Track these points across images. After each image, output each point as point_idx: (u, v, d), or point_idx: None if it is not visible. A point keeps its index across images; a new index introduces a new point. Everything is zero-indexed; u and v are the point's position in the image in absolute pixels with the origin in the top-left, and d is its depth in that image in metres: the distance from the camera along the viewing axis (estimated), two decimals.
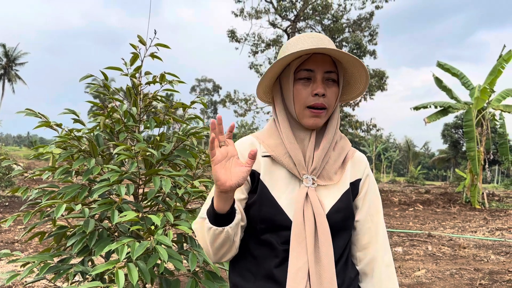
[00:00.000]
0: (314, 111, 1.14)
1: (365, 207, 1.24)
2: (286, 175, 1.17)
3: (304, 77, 1.15)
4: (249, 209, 1.16)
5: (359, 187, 1.24)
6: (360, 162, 1.28)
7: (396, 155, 63.35)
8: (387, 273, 1.21)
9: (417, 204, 15.14)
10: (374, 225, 1.24)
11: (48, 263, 2.22)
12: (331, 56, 1.16)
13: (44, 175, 2.34)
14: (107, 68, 2.46)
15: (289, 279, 1.08)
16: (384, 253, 1.22)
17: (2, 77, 55.77)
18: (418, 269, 5.58)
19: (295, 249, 1.10)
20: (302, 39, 1.18)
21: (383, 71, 22.23)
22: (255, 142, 1.22)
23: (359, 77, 1.21)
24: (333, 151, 1.21)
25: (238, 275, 1.19)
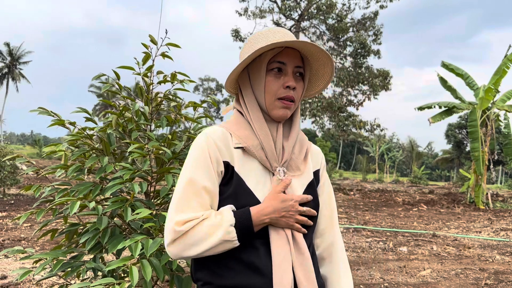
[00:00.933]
0: (285, 102, 1.17)
1: (323, 196, 1.32)
2: (258, 167, 1.19)
3: (275, 68, 1.18)
4: (224, 202, 1.15)
5: (319, 176, 1.33)
6: (317, 153, 1.36)
7: (399, 155, 63.22)
8: (342, 257, 1.31)
9: (421, 204, 15.12)
10: (329, 212, 1.32)
11: (60, 259, 2.24)
12: (300, 52, 1.20)
13: (57, 172, 2.36)
14: (120, 67, 2.49)
15: (275, 270, 1.09)
16: (339, 238, 1.33)
17: (6, 75, 55.94)
18: (423, 269, 5.59)
19: (275, 240, 1.13)
20: (272, 32, 1.22)
21: (387, 71, 22.21)
22: (226, 132, 1.20)
23: (322, 75, 1.27)
24: (297, 143, 1.26)
25: (210, 271, 1.15)
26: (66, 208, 2.28)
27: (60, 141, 15.52)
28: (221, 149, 1.16)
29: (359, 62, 22.23)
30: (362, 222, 9.96)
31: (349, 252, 6.53)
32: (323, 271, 1.30)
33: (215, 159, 1.15)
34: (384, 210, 12.95)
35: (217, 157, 1.15)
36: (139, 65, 2.46)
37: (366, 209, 12.79)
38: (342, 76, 21.81)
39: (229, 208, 1.12)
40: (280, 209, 1.12)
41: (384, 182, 38.08)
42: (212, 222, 1.08)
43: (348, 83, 22.31)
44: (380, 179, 41.30)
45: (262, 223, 1.11)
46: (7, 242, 6.52)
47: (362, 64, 22.31)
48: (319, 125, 22.49)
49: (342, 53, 23.08)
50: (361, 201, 15.60)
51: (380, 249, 6.85)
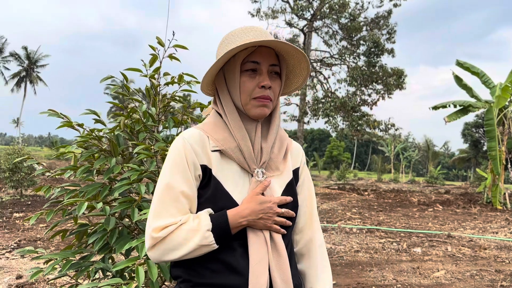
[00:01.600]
0: (261, 100, 1.16)
1: (302, 193, 1.32)
2: (237, 169, 1.19)
3: (250, 68, 1.17)
4: (202, 205, 1.16)
5: (299, 175, 1.33)
6: (297, 151, 1.36)
7: (415, 155, 62.46)
8: (321, 253, 1.32)
9: (436, 204, 14.92)
10: (309, 209, 1.33)
11: (70, 260, 2.27)
12: (274, 50, 1.19)
13: (66, 174, 2.39)
14: (127, 69, 2.51)
15: (251, 270, 1.10)
16: (318, 235, 1.33)
17: (24, 79, 56.96)
18: (437, 270, 5.51)
19: (253, 241, 1.13)
20: (246, 31, 1.20)
21: (402, 70, 21.97)
22: (203, 135, 1.20)
23: (299, 72, 1.25)
24: (276, 142, 1.26)
25: (188, 269, 1.17)
26: (74, 209, 2.31)
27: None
28: (198, 153, 1.16)
29: (373, 61, 22.04)
30: (376, 222, 9.88)
31: (361, 253, 6.48)
32: (301, 267, 1.32)
33: (192, 163, 1.15)
34: (399, 210, 12.82)
35: (194, 161, 1.16)
36: (146, 67, 2.48)
37: (380, 210, 12.67)
38: (356, 75, 21.65)
39: (206, 212, 1.13)
40: (258, 211, 1.13)
41: (399, 182, 37.66)
42: (189, 227, 1.09)
43: (362, 82, 22.14)
44: (395, 179, 40.79)
45: (239, 225, 1.12)
46: (23, 242, 6.63)
47: (376, 63, 22.11)
48: (332, 125, 22.35)
49: (355, 52, 22.91)
50: (376, 201, 15.46)
51: (394, 250, 6.78)
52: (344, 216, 10.78)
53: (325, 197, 16.35)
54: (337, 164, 60.89)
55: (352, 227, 8.93)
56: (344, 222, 9.80)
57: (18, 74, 56.56)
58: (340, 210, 12.07)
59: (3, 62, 55.10)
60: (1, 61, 54.86)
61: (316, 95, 22.59)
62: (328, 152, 65.31)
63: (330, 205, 13.49)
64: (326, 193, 18.35)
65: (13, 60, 55.89)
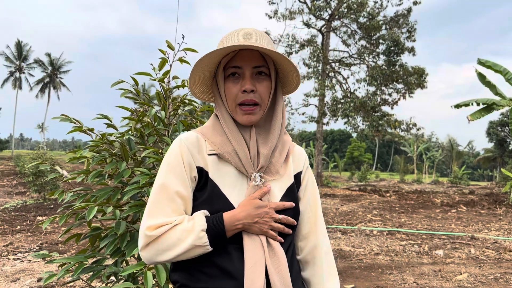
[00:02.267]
0: (244, 108, 1.15)
1: (305, 198, 1.28)
2: (234, 172, 1.17)
3: (232, 73, 1.16)
4: (198, 207, 1.15)
5: (301, 179, 1.29)
6: (300, 155, 1.32)
7: (438, 155, 61.38)
8: (326, 260, 1.27)
9: (460, 205, 14.59)
10: (313, 215, 1.28)
11: (82, 263, 2.29)
12: (259, 50, 1.15)
13: (78, 178, 2.41)
14: (137, 73, 2.52)
15: (247, 273, 1.08)
16: (323, 241, 1.27)
17: (48, 85, 58.36)
18: (459, 273, 5.37)
19: (248, 245, 1.11)
20: (231, 35, 1.18)
21: (423, 68, 21.63)
22: (200, 138, 1.20)
23: (289, 69, 1.20)
24: (278, 145, 1.22)
25: (186, 274, 1.16)
26: (84, 213, 2.32)
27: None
28: (194, 155, 1.16)
29: (393, 60, 21.75)
30: (397, 224, 9.71)
31: (381, 256, 6.37)
32: (306, 275, 1.27)
33: (188, 164, 1.15)
34: (421, 212, 12.58)
35: (190, 162, 1.16)
36: (155, 71, 2.48)
37: (402, 211, 12.46)
38: (375, 75, 21.40)
39: (202, 213, 1.12)
40: (254, 215, 1.11)
41: (422, 183, 37.03)
42: (184, 227, 1.09)
43: (382, 81, 21.87)
44: (418, 180, 40.14)
45: (234, 228, 1.11)
46: (45, 246, 6.76)
47: (396, 62, 21.81)
48: (352, 126, 22.13)
49: (374, 52, 22.66)
50: (397, 203, 15.21)
51: (415, 253, 6.64)
52: (364, 218, 10.64)
53: (345, 198, 16.18)
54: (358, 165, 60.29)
55: (373, 229, 8.80)
56: (364, 224, 9.66)
57: (42, 80, 58.00)
58: (360, 212, 11.92)
59: (28, 69, 56.60)
60: (26, 68, 56.36)
61: (335, 95, 22.41)
62: (348, 153, 64.78)
63: (350, 207, 13.34)
64: (346, 194, 18.15)
65: (37, 66, 57.42)
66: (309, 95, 22.64)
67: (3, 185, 17.22)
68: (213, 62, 1.17)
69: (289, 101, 23.37)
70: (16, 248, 6.45)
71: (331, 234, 8.17)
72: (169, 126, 2.57)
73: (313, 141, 42.94)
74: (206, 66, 1.17)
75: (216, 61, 1.17)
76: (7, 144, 55.60)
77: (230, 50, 1.13)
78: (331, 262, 1.29)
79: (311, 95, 22.60)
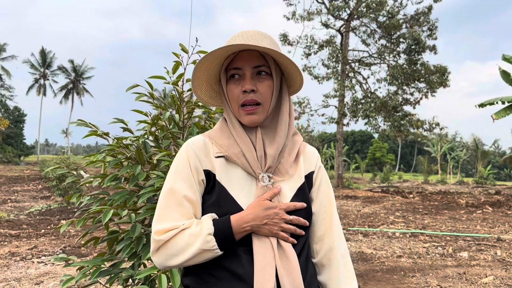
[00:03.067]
0: (246, 109, 1.14)
1: (319, 199, 1.24)
2: (242, 174, 1.16)
3: (233, 75, 1.16)
4: (207, 210, 1.15)
5: (313, 179, 1.26)
6: (312, 155, 1.29)
7: (463, 155, 60.09)
8: (343, 263, 1.23)
9: (485, 206, 14.22)
10: (328, 216, 1.24)
11: (100, 267, 2.30)
12: (259, 50, 1.14)
13: (94, 182, 2.44)
14: (151, 77, 2.53)
15: (256, 276, 1.06)
16: (339, 243, 1.24)
17: (71, 91, 59.65)
18: (485, 276, 5.22)
19: (258, 247, 1.09)
20: (233, 38, 1.18)
21: (445, 67, 21.22)
22: (208, 142, 1.20)
23: (290, 67, 1.18)
24: (287, 143, 1.21)
25: (196, 278, 1.15)
26: (101, 216, 2.34)
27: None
28: (201, 158, 1.17)
29: (414, 59, 21.42)
30: (421, 226, 9.52)
31: (404, 258, 6.25)
32: (322, 278, 1.24)
33: (195, 168, 1.15)
34: (445, 213, 12.31)
35: (197, 166, 1.16)
36: (169, 74, 2.49)
37: (426, 213, 12.23)
38: (396, 74, 21.10)
39: (209, 217, 1.11)
40: (262, 217, 1.09)
41: (447, 184, 36.29)
42: (192, 231, 1.08)
43: (403, 81, 21.55)
44: (443, 180, 39.31)
45: (243, 231, 1.09)
46: (68, 249, 6.87)
47: (417, 60, 21.47)
48: (372, 126, 21.86)
49: (395, 51, 22.35)
50: (421, 204, 14.93)
51: (438, 255, 6.49)
52: (386, 220, 10.47)
53: (367, 200, 15.97)
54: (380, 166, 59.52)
55: (395, 231, 8.65)
56: (387, 226, 9.51)
57: (66, 86, 59.34)
58: (382, 214, 11.75)
59: (52, 75, 58.02)
60: (50, 75, 57.77)
61: (355, 95, 22.19)
62: (370, 154, 64.06)
63: (372, 208, 13.16)
64: (368, 196, 17.92)
65: (61, 73, 58.80)
66: (329, 96, 22.49)
67: (29, 190, 17.64)
68: (214, 65, 1.17)
69: (309, 102, 23.25)
70: (40, 252, 6.58)
71: (352, 236, 8.07)
72: (184, 129, 2.57)
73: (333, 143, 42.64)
74: (209, 70, 1.18)
75: (218, 65, 1.18)
76: (32, 149, 57.05)
77: (226, 51, 1.12)
78: (349, 264, 1.25)
79: (330, 96, 22.45)
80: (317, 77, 23.48)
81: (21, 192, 16.50)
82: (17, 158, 45.62)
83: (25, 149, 52.20)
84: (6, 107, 50.65)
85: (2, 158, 41.62)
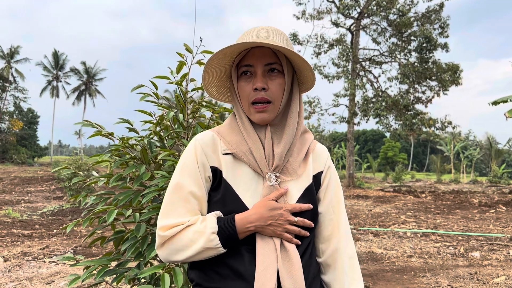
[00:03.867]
0: (257, 106, 1.13)
1: (327, 199, 1.23)
2: (249, 172, 1.15)
3: (244, 72, 1.15)
4: (212, 207, 1.15)
5: (321, 179, 1.24)
6: (321, 154, 1.27)
7: (476, 154, 59.29)
8: (350, 264, 1.22)
9: (499, 205, 14.02)
10: (336, 216, 1.23)
11: (105, 266, 2.32)
12: (271, 47, 1.13)
13: (99, 182, 2.45)
14: (155, 77, 2.54)
15: (257, 276, 1.05)
16: (346, 244, 1.22)
17: (84, 92, 60.27)
18: (497, 276, 5.14)
19: (261, 247, 1.09)
20: (246, 34, 1.17)
21: (457, 65, 20.97)
22: (216, 138, 1.19)
23: (302, 65, 1.16)
24: (296, 142, 1.19)
25: (201, 273, 1.16)
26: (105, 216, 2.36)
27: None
28: (208, 155, 1.16)
29: (425, 57, 21.20)
30: (432, 226, 9.42)
31: (415, 258, 6.18)
32: (327, 279, 1.23)
33: (202, 164, 1.15)
34: (458, 212, 12.16)
35: (204, 162, 1.15)
36: (173, 74, 2.50)
37: (438, 212, 12.09)
38: (407, 72, 20.91)
39: (214, 215, 1.12)
40: (267, 217, 1.09)
41: (460, 183, 35.86)
42: (196, 228, 1.09)
43: (414, 79, 21.35)
44: (456, 179, 38.86)
45: (247, 231, 1.10)
46: (79, 249, 6.94)
47: (429, 58, 21.25)
48: (384, 125, 21.69)
49: (406, 49, 22.15)
50: (433, 203, 14.78)
51: (450, 255, 6.41)
52: (398, 220, 10.38)
53: (378, 200, 15.85)
54: (392, 165, 59.05)
55: (406, 231, 8.57)
56: (398, 226, 9.43)
57: (78, 88, 59.98)
58: (394, 214, 11.65)
59: (64, 77, 58.70)
60: (63, 77, 58.46)
61: (365, 94, 22.04)
62: (382, 154, 63.58)
63: (383, 208, 13.06)
64: (380, 196, 17.79)
65: (73, 75, 59.46)
66: (339, 95, 22.39)
67: (42, 190, 17.87)
68: (226, 61, 1.16)
69: (319, 102, 23.16)
70: (52, 252, 6.66)
71: (362, 236, 8.01)
72: (189, 129, 2.57)
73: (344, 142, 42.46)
74: (220, 66, 1.17)
75: (230, 61, 1.17)
76: (46, 150, 57.75)
77: (239, 48, 1.12)
78: (355, 266, 1.23)
79: (341, 95, 22.34)
80: (328, 76, 23.38)
81: (34, 193, 16.72)
82: (31, 159, 46.25)
83: (39, 150, 52.87)
84: (20, 109, 51.36)
85: (16, 159, 42.24)
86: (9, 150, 44.58)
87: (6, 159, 43.91)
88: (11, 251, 6.55)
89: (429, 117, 21.70)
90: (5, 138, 44.89)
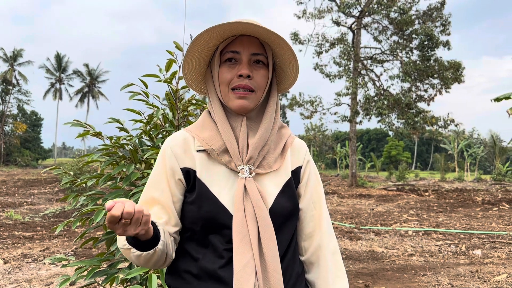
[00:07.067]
0: (238, 92, 1.09)
1: (307, 195, 1.19)
2: (224, 169, 1.11)
3: (229, 58, 1.10)
4: (187, 210, 1.11)
5: (300, 174, 1.20)
6: (300, 148, 1.23)
7: (480, 152, 59.01)
8: (333, 261, 1.19)
9: (502, 203, 13.93)
10: (318, 212, 1.20)
11: (96, 267, 2.30)
12: (259, 39, 1.11)
13: (89, 182, 2.43)
14: (145, 75, 2.52)
15: (236, 277, 1.02)
16: (329, 240, 1.19)
17: (87, 94, 60.45)
18: (498, 274, 5.09)
19: (238, 246, 1.04)
20: (237, 19, 1.11)
21: (459, 62, 20.87)
22: (188, 136, 1.16)
23: (289, 61, 1.13)
24: (272, 138, 1.15)
25: (177, 277, 1.13)
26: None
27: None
28: (179, 156, 1.13)
29: (427, 55, 21.11)
30: (434, 224, 9.36)
31: (415, 257, 6.14)
32: (311, 277, 1.20)
33: (170, 167, 1.12)
34: (460, 211, 12.09)
35: (173, 165, 1.12)
36: (161, 72, 2.47)
37: (440, 211, 12.02)
38: (409, 71, 20.83)
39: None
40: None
41: (464, 181, 35.69)
42: (127, 254, 1.07)
43: (416, 77, 21.27)
44: (460, 178, 38.64)
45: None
46: (79, 250, 6.93)
47: (430, 56, 21.16)
48: (386, 124, 21.61)
49: (407, 47, 22.07)
50: (436, 202, 14.70)
51: (451, 253, 6.36)
52: (400, 219, 10.33)
53: (381, 199, 15.79)
54: (396, 164, 58.88)
55: (408, 230, 8.52)
56: (400, 224, 9.37)
57: (81, 90, 60.18)
58: (396, 212, 11.59)
59: (67, 79, 58.91)
60: (65, 79, 58.66)
61: (367, 93, 21.97)
62: (386, 152, 63.41)
63: (386, 207, 13.00)
64: (383, 194, 17.71)
65: (76, 77, 59.65)
66: (341, 94, 22.31)
67: (45, 192, 17.90)
68: (210, 45, 1.12)
69: (321, 101, 23.10)
70: (52, 253, 6.66)
71: (363, 235, 7.97)
72: (179, 128, 2.55)
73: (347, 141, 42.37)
74: (204, 48, 1.12)
75: (213, 45, 1.12)
76: (50, 153, 57.97)
77: (230, 29, 1.07)
78: (339, 263, 1.20)
79: (342, 94, 22.27)
80: (329, 75, 23.32)
81: (37, 195, 16.75)
82: (34, 162, 46.45)
83: (43, 153, 53.10)
84: (23, 111, 51.60)
85: (20, 162, 42.41)
86: (13, 153, 44.78)
87: (10, 161, 44.12)
88: (12, 253, 6.55)
89: (431, 115, 21.60)
90: (9, 141, 45.09)
